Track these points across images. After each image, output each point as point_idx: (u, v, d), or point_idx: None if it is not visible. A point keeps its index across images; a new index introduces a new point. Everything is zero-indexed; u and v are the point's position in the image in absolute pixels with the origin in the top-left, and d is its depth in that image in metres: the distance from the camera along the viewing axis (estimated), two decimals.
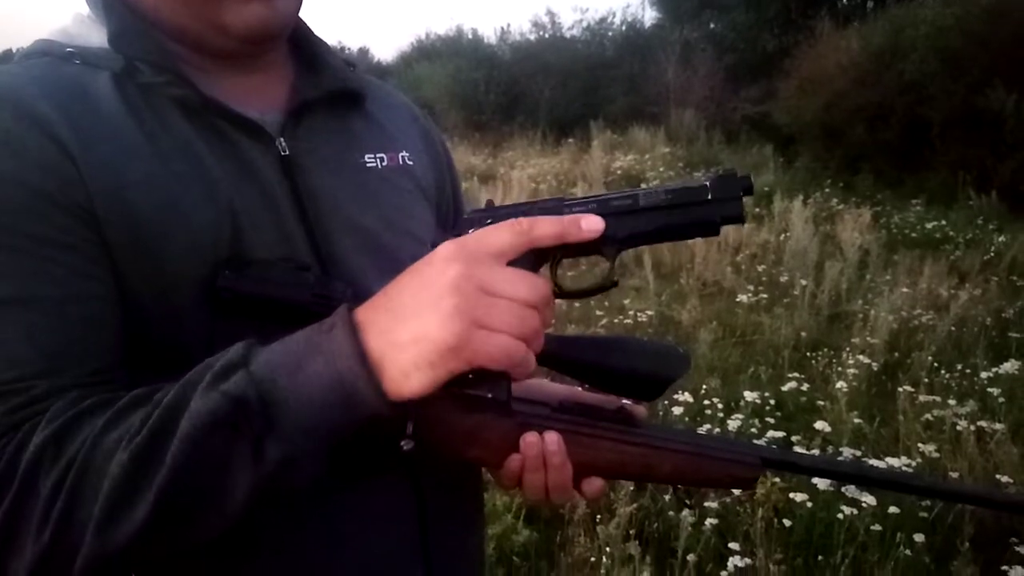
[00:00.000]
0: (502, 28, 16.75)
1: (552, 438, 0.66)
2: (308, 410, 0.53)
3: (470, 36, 17.43)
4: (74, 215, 0.59)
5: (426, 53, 17.95)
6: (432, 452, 0.65)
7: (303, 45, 0.78)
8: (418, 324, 0.54)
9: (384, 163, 0.78)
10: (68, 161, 0.60)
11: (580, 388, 0.79)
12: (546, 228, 0.57)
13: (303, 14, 0.76)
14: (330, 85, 0.76)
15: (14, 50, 0.70)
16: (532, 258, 0.61)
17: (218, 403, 0.52)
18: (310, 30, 0.79)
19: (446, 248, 0.55)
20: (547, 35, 15.69)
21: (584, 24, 15.42)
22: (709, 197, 0.64)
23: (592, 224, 0.59)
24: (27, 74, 0.64)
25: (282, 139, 0.70)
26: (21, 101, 0.61)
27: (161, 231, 0.62)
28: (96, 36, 0.68)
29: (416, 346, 0.54)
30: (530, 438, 0.65)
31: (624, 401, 0.76)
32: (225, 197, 0.65)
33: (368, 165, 0.76)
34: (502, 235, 0.56)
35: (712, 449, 0.73)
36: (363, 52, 21.74)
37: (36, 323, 0.57)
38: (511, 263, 0.57)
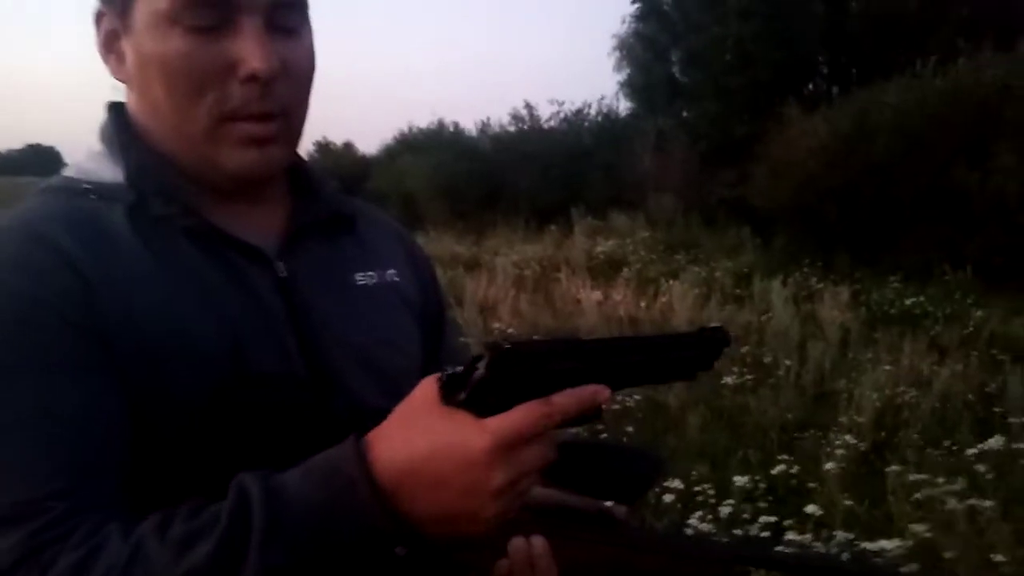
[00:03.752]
0: (482, 121, 17.17)
1: (539, 542, 0.69)
2: (330, 559, 0.58)
3: (451, 129, 17.87)
4: (90, 338, 0.63)
5: (409, 146, 18.34)
6: (423, 556, 0.66)
7: (298, 173, 0.84)
8: (459, 517, 0.59)
9: (373, 281, 0.83)
10: (86, 287, 0.64)
11: (558, 491, 0.82)
12: (569, 407, 0.59)
13: None
14: (324, 211, 0.82)
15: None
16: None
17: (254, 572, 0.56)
18: (303, 160, 0.85)
19: (490, 441, 0.57)
20: (526, 127, 16.11)
21: (561, 115, 15.85)
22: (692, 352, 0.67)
23: (604, 395, 0.61)
24: (47, 208, 0.70)
25: (280, 262, 0.75)
26: (44, 233, 0.66)
27: (170, 352, 0.66)
28: (108, 171, 0.74)
29: (449, 525, 0.59)
30: (518, 542, 0.68)
31: (604, 503, 0.79)
32: (229, 317, 0.70)
33: (359, 283, 0.82)
34: (535, 420, 0.58)
35: (688, 549, 0.77)
36: (347, 146, 22.18)
37: (54, 443, 0.60)
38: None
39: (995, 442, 3.22)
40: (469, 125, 17.54)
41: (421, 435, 0.58)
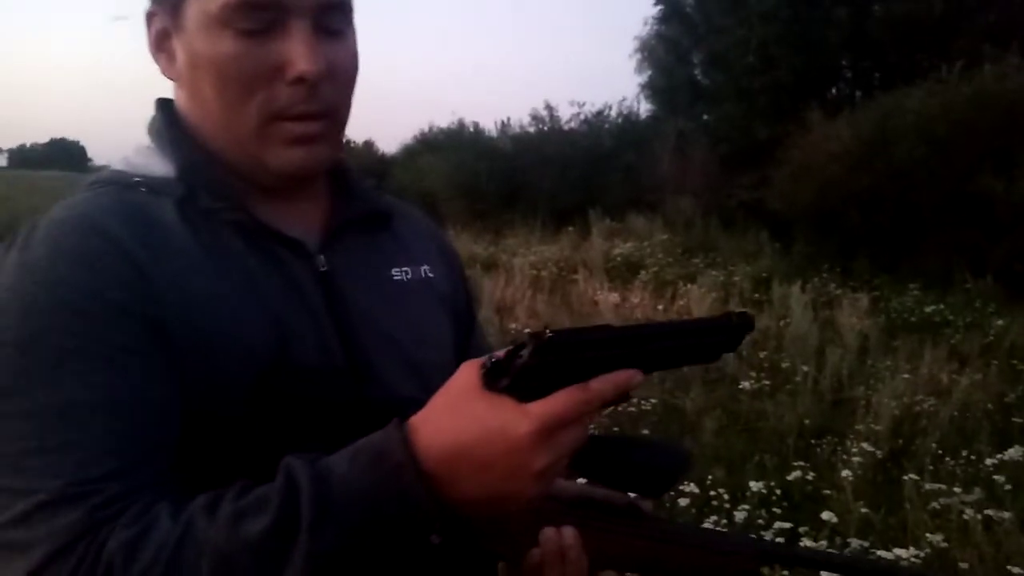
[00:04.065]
0: (502, 121, 17.15)
1: (569, 532, 0.71)
2: (377, 543, 0.60)
3: (471, 129, 17.87)
4: (146, 326, 0.66)
5: (429, 145, 18.39)
6: (456, 546, 0.68)
7: (337, 171, 0.86)
8: (499, 498, 0.61)
9: (409, 277, 0.86)
10: (141, 277, 0.67)
11: (587, 484, 0.83)
12: (606, 392, 0.61)
13: None
14: (362, 208, 0.85)
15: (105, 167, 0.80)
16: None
17: (308, 567, 0.58)
18: (343, 158, 0.87)
19: (534, 424, 0.59)
20: (546, 127, 16.10)
21: (581, 117, 15.83)
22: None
23: (638, 380, 0.63)
24: (101, 201, 0.72)
25: (321, 256, 0.78)
26: (100, 224, 0.69)
27: (219, 340, 0.68)
28: (157, 166, 0.76)
29: (490, 506, 0.62)
30: (549, 532, 0.71)
31: (632, 496, 0.81)
32: (273, 308, 0.72)
33: (395, 279, 0.85)
34: (576, 404, 0.60)
35: (715, 543, 0.78)
36: (368, 145, 22.27)
37: (111, 426, 0.63)
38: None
39: (1015, 452, 3.20)
40: (489, 125, 17.57)
41: (467, 421, 0.60)
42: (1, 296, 0.66)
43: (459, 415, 0.61)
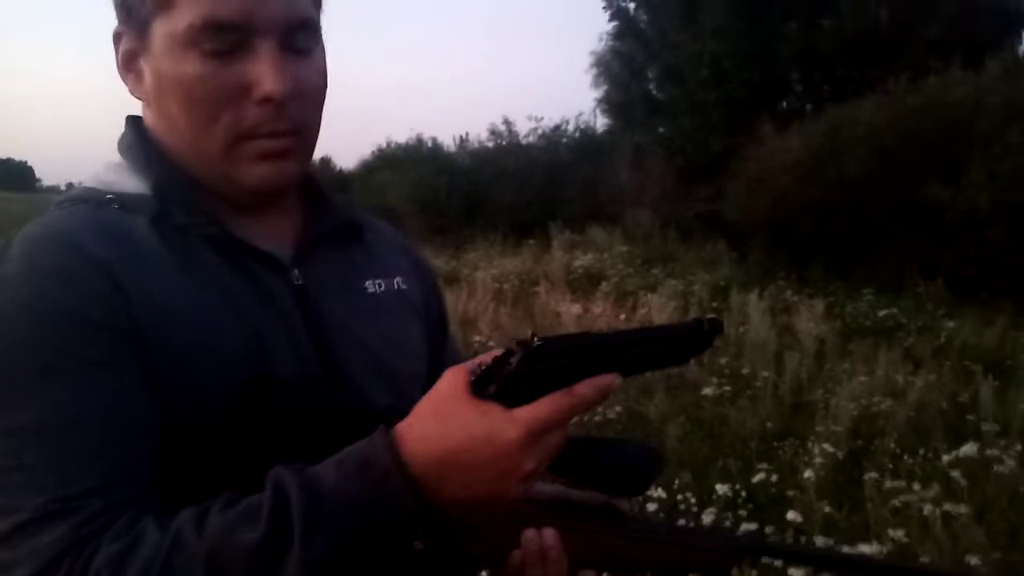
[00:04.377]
0: (461, 137, 17.19)
1: (549, 533, 0.72)
2: (366, 548, 0.61)
3: (430, 144, 17.90)
4: (123, 341, 0.66)
5: (387, 161, 18.34)
6: (439, 550, 0.69)
7: (309, 185, 0.87)
8: (487, 496, 0.63)
9: (382, 288, 0.87)
10: (118, 293, 0.67)
11: (565, 485, 0.84)
12: (589, 396, 0.63)
13: None
14: (334, 222, 0.86)
15: (75, 184, 0.79)
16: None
17: (298, 562, 0.59)
18: (314, 173, 0.88)
19: (522, 431, 0.61)
20: (504, 142, 16.20)
21: (539, 131, 15.94)
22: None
23: (617, 383, 0.65)
24: (75, 218, 0.72)
25: (296, 270, 0.79)
26: (75, 241, 0.68)
27: (197, 353, 0.68)
28: (129, 183, 0.76)
29: (475, 507, 0.64)
30: (530, 534, 0.72)
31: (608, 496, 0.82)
32: (250, 321, 0.73)
33: (369, 291, 0.86)
34: (562, 410, 0.62)
35: (692, 540, 0.80)
36: (325, 161, 22.12)
37: (91, 442, 0.62)
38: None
39: (968, 449, 3.28)
40: (448, 141, 17.60)
41: (455, 427, 0.62)
42: None
43: (446, 421, 0.62)
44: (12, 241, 0.69)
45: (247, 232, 0.77)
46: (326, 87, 0.80)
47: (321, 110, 0.80)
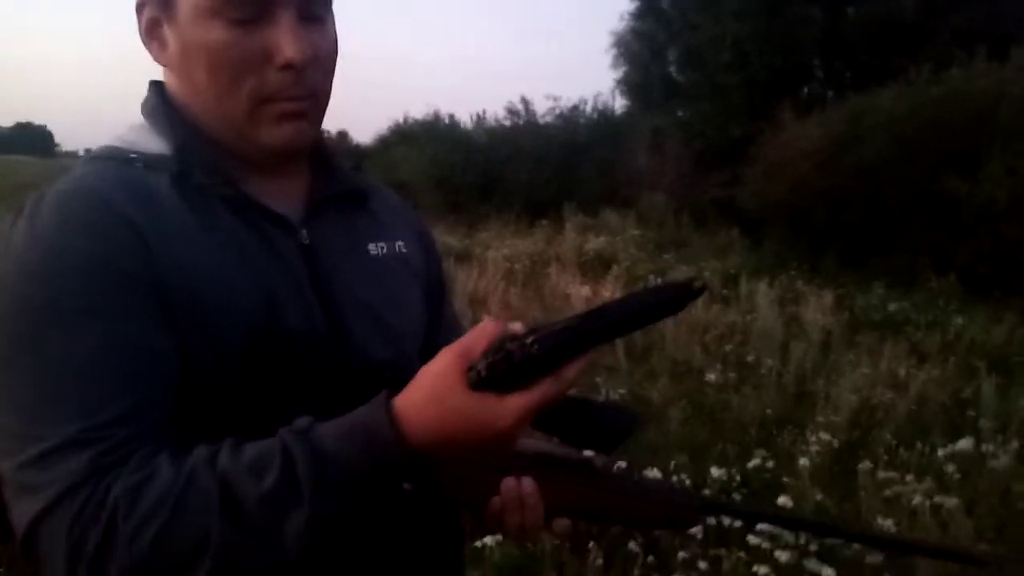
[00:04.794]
0: (478, 114, 17.12)
1: (528, 482, 0.80)
2: (365, 506, 0.70)
3: (447, 121, 17.86)
4: (148, 290, 0.71)
5: (404, 136, 18.34)
6: (427, 495, 0.77)
7: (318, 150, 0.92)
8: (476, 457, 0.73)
9: (384, 251, 0.93)
10: (144, 246, 0.72)
11: (546, 441, 0.90)
12: (575, 377, 0.69)
13: None
14: (341, 186, 0.91)
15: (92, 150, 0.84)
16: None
17: (306, 518, 0.66)
18: (323, 139, 0.93)
19: (515, 419, 0.68)
20: (521, 121, 16.13)
21: (557, 111, 15.87)
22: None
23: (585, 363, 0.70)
24: (103, 174, 0.77)
25: (304, 230, 0.84)
26: (105, 196, 0.74)
27: (213, 303, 0.74)
28: (151, 143, 0.81)
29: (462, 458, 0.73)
30: (509, 483, 0.79)
31: (586, 453, 0.87)
32: (261, 277, 0.78)
33: (371, 253, 0.91)
34: (548, 398, 0.69)
35: (659, 496, 0.87)
36: (342, 135, 22.18)
37: (116, 378, 0.68)
38: None
39: (964, 444, 3.30)
40: (465, 117, 17.57)
41: (452, 414, 0.68)
42: (14, 262, 0.71)
43: (443, 407, 0.68)
44: (45, 195, 0.74)
45: (260, 193, 0.82)
46: (337, 53, 0.84)
47: (333, 75, 0.85)
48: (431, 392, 0.69)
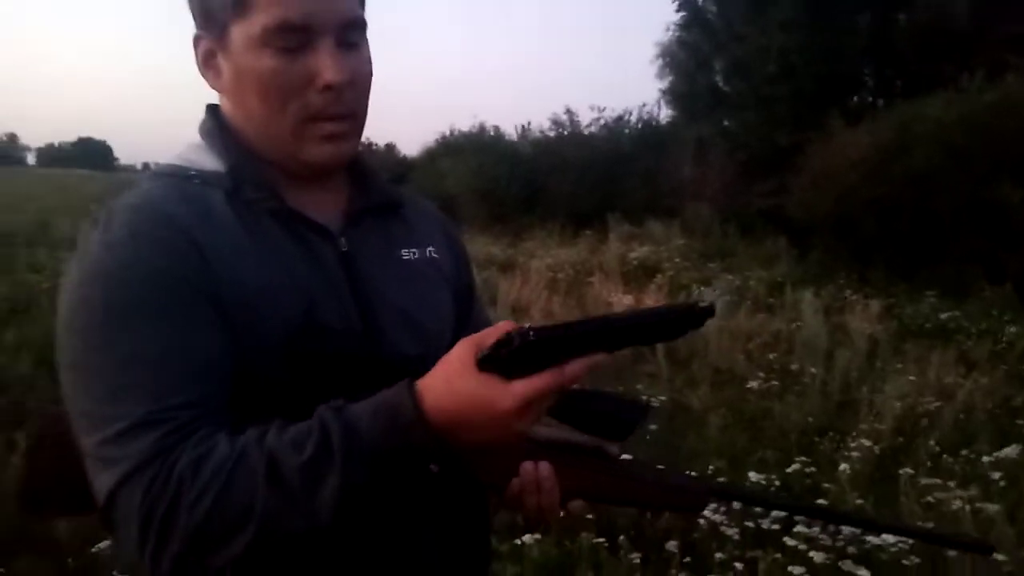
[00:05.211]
0: (523, 126, 17.27)
1: (544, 466, 0.88)
2: (392, 480, 0.77)
3: (492, 133, 18.01)
4: (205, 295, 0.81)
5: (449, 149, 18.53)
6: (451, 474, 0.84)
7: (355, 164, 1.01)
8: (492, 443, 0.77)
9: (416, 256, 1.01)
10: (201, 257, 0.82)
11: (563, 429, 0.96)
12: (578, 373, 0.75)
13: None
14: (377, 198, 1.00)
15: (151, 165, 0.94)
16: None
17: (338, 484, 0.74)
18: (360, 153, 1.02)
19: (516, 401, 0.74)
20: (566, 132, 16.20)
21: (602, 122, 15.90)
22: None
23: (605, 359, 0.76)
24: (166, 191, 0.88)
25: (342, 239, 0.93)
26: (167, 211, 0.84)
27: (260, 306, 0.84)
28: (207, 161, 0.91)
29: (480, 448, 0.78)
30: (527, 466, 0.88)
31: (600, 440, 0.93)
32: (304, 281, 0.87)
33: (404, 259, 1.00)
34: (551, 386, 0.74)
35: (669, 481, 0.93)
36: (389, 148, 22.51)
37: (181, 369, 0.78)
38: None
39: (1011, 451, 3.25)
40: (510, 129, 17.69)
41: (462, 394, 0.75)
42: (90, 269, 0.80)
43: (456, 387, 0.75)
44: (115, 209, 0.84)
45: (303, 205, 0.91)
46: (372, 75, 0.93)
47: (369, 96, 0.93)
48: (445, 374, 0.77)
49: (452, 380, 0.76)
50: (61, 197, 23.95)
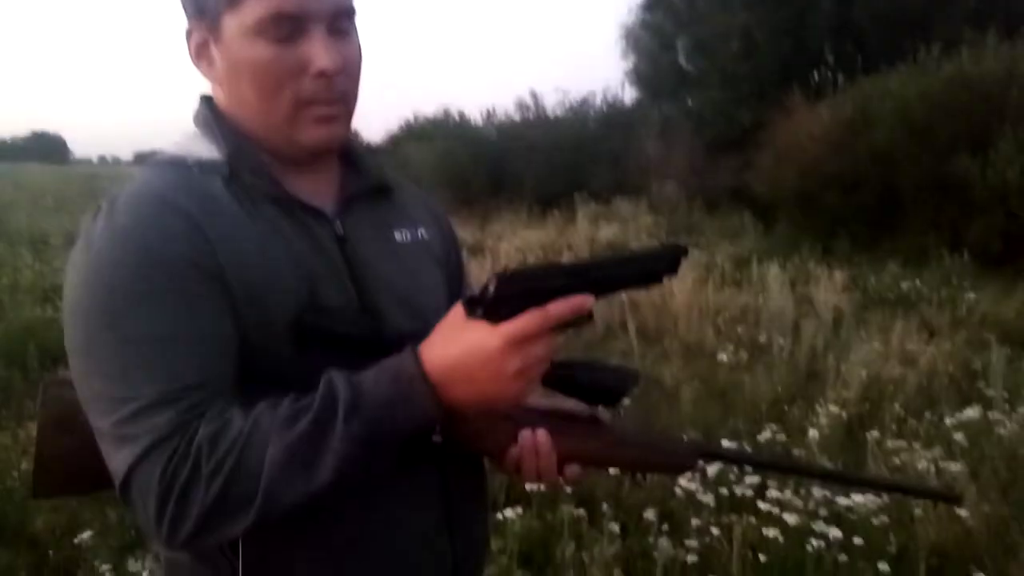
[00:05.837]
0: (488, 110, 17.28)
1: (542, 433, 0.92)
2: (395, 435, 0.80)
3: (457, 118, 17.97)
4: (211, 277, 0.83)
5: (414, 134, 18.46)
6: (454, 445, 0.89)
7: (348, 149, 1.04)
8: (488, 395, 0.80)
9: (408, 238, 1.05)
10: (205, 240, 0.84)
11: (557, 398, 1.00)
12: (562, 312, 0.78)
13: None
14: (370, 181, 1.03)
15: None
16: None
17: (342, 449, 0.77)
18: (351, 139, 1.04)
19: (502, 340, 0.77)
20: (531, 115, 16.21)
21: (566, 104, 15.94)
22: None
23: (589, 302, 0.79)
24: (167, 178, 0.89)
25: (338, 222, 0.96)
26: (170, 197, 0.86)
27: (264, 287, 0.86)
28: (204, 149, 0.93)
29: (483, 406, 0.82)
30: (525, 433, 0.92)
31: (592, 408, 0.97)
32: (304, 264, 0.90)
33: (397, 240, 1.04)
34: (535, 323, 0.77)
35: (659, 445, 0.98)
36: (353, 134, 22.26)
37: (193, 349, 0.81)
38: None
39: (972, 413, 3.35)
40: (475, 114, 17.65)
41: (454, 342, 0.79)
42: (97, 256, 0.82)
43: (449, 339, 0.80)
44: (118, 199, 0.86)
45: (299, 190, 0.93)
46: (362, 61, 0.95)
47: (359, 81, 0.96)
48: (440, 331, 0.82)
49: (446, 335, 0.80)
50: (16, 193, 23.36)
